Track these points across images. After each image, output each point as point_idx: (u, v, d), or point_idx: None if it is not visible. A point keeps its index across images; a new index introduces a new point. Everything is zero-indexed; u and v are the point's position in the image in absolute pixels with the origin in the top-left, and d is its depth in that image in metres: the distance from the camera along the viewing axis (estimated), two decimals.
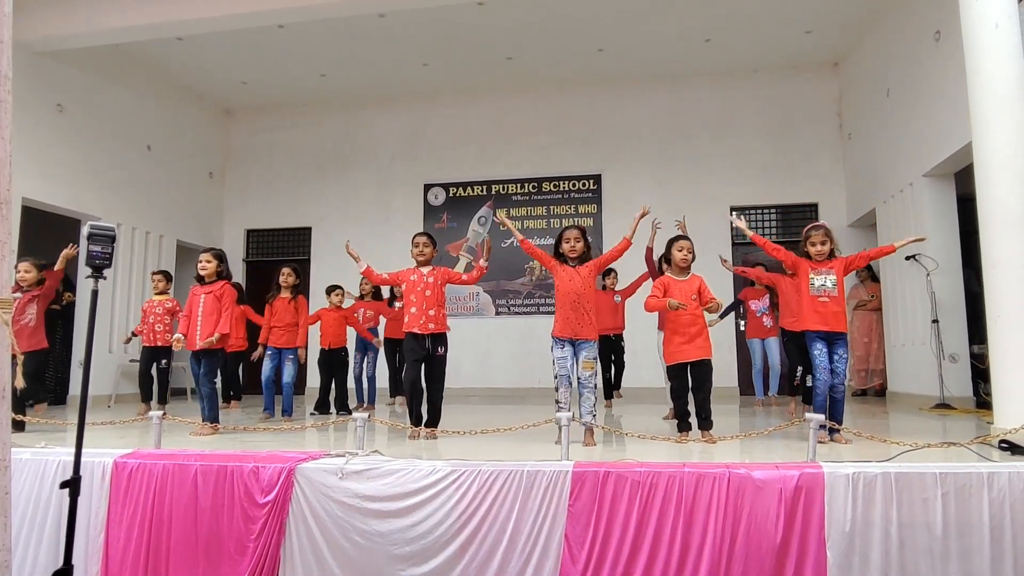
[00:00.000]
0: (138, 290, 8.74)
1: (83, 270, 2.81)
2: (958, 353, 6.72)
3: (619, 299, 6.65)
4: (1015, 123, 4.03)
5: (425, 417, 4.68)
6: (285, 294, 6.11)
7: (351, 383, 7.06)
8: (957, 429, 4.86)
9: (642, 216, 4.37)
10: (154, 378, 6.69)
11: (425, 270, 4.75)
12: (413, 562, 2.99)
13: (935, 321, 6.68)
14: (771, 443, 4.26)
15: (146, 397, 6.51)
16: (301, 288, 6.58)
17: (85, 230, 2.59)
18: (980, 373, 6.65)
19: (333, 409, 6.51)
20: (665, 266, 4.73)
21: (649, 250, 5.88)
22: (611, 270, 7.15)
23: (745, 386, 8.68)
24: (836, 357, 4.18)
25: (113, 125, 8.48)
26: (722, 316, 6.27)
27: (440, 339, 4.66)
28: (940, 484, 2.76)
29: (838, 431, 4.07)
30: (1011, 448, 3.60)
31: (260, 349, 6.35)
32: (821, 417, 3.39)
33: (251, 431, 4.92)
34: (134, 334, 7.06)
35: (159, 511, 3.41)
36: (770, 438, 4.42)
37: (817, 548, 2.74)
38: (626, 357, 7.01)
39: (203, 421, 4.87)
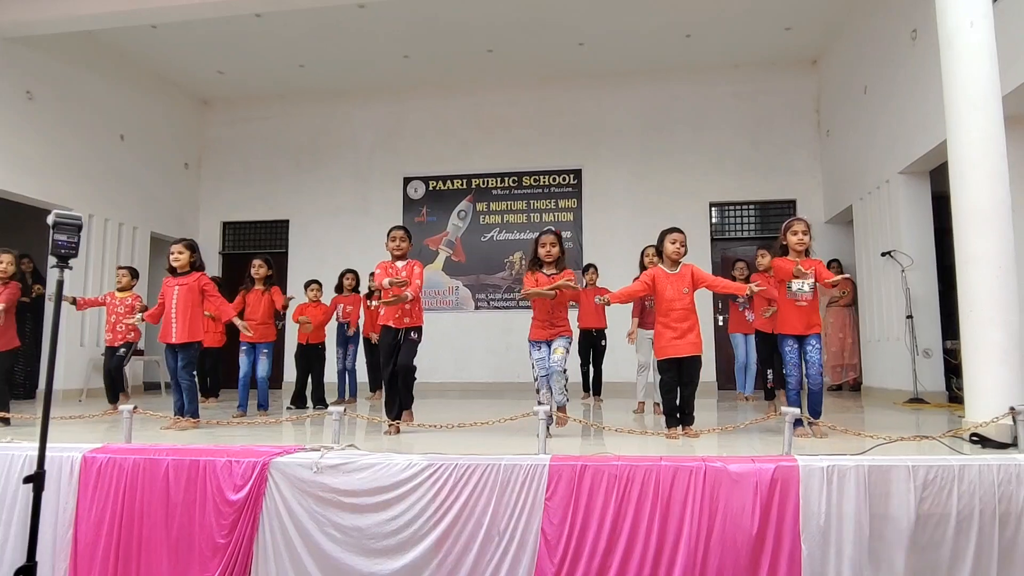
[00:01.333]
0: (110, 283, 8.55)
1: (50, 260, 2.73)
2: (931, 348, 6.82)
3: (599, 300, 6.64)
4: (989, 121, 4.07)
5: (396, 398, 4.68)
6: (258, 287, 6.00)
7: (333, 378, 7.01)
8: (930, 423, 4.93)
9: (561, 282, 4.47)
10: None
11: (400, 264, 4.75)
12: (389, 556, 2.96)
13: (909, 317, 6.77)
14: (748, 437, 4.28)
15: (113, 398, 6.34)
16: (277, 281, 6.49)
17: (51, 219, 2.52)
18: (952, 368, 6.75)
19: (310, 403, 6.44)
20: (656, 258, 4.69)
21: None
22: (591, 266, 7.16)
23: (723, 381, 8.75)
24: (809, 348, 4.23)
25: (85, 113, 8.29)
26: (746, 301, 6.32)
27: (412, 330, 4.67)
28: (912, 477, 2.79)
29: (815, 423, 4.10)
30: (981, 441, 3.65)
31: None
32: (796, 411, 3.41)
33: (225, 425, 4.85)
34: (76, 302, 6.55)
35: (129, 507, 3.35)
36: (747, 432, 4.45)
37: (792, 540, 2.76)
38: (606, 351, 7.01)
39: (180, 415, 4.80)
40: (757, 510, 2.78)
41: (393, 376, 4.64)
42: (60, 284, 2.56)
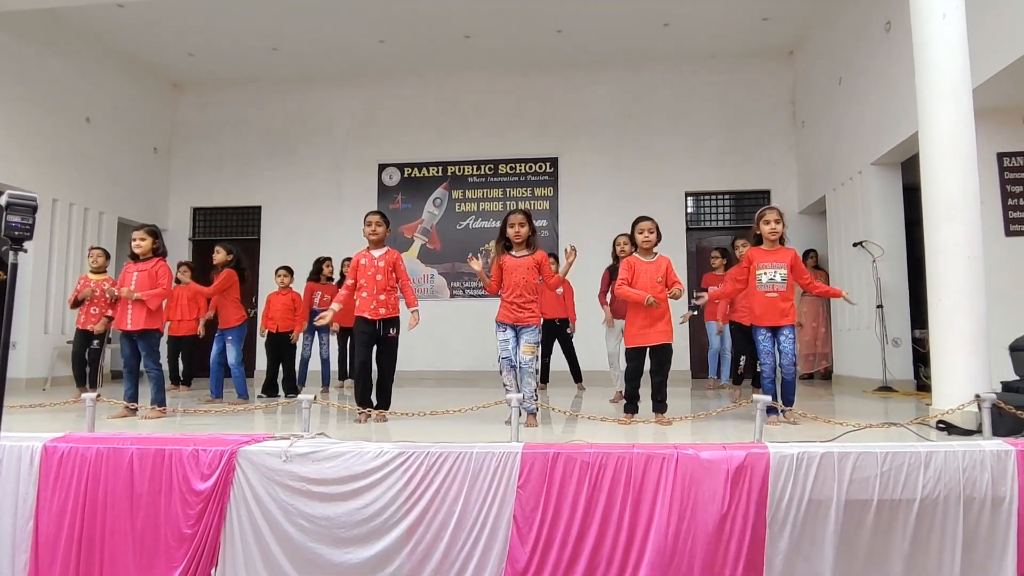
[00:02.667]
0: (75, 269, 8.36)
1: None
2: (900, 338, 6.93)
3: (560, 291, 6.65)
4: (959, 112, 4.12)
5: (376, 400, 4.61)
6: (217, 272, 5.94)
7: (316, 365, 6.95)
8: (898, 410, 5.00)
9: (572, 260, 4.48)
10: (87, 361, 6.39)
11: (377, 253, 4.65)
12: (359, 545, 2.93)
13: (880, 306, 6.87)
14: (721, 424, 4.31)
15: (81, 381, 6.23)
16: (249, 268, 6.38)
17: (3, 199, 2.42)
18: (921, 357, 6.87)
19: (281, 392, 6.37)
20: (630, 247, 4.71)
21: (606, 273, 6.07)
22: (553, 255, 7.10)
23: (696, 369, 8.82)
24: (783, 338, 4.27)
25: (48, 95, 8.04)
26: (693, 310, 6.40)
27: (391, 323, 4.58)
28: (880, 463, 2.82)
29: (787, 411, 4.14)
30: (948, 428, 3.71)
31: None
32: (768, 398, 3.44)
33: (193, 413, 4.77)
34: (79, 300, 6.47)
35: (92, 497, 3.27)
36: (719, 419, 4.48)
37: (758, 525, 2.78)
38: (579, 341, 7.02)
39: (127, 401, 4.70)
40: (726, 496, 2.79)
41: (365, 369, 4.57)
42: (14, 267, 2.47)
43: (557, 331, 6.78)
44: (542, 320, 6.59)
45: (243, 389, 5.84)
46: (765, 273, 4.29)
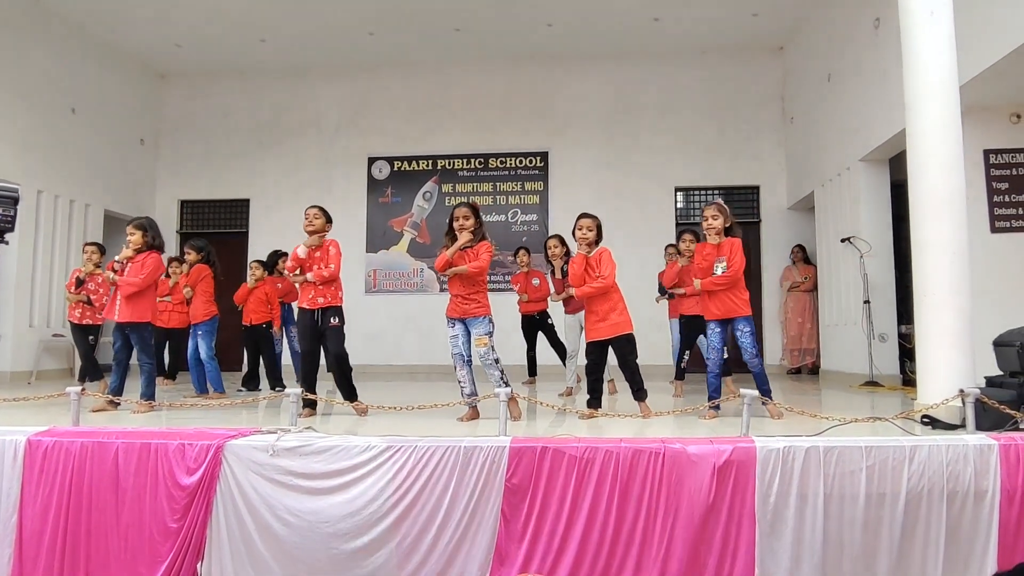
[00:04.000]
0: (62, 262, 8.28)
1: None
2: (887, 333, 6.98)
3: (537, 282, 6.64)
4: (946, 109, 4.14)
5: (341, 394, 4.65)
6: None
7: (287, 359, 6.89)
8: (884, 405, 5.04)
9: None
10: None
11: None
12: (346, 539, 2.92)
13: (867, 302, 6.91)
14: (708, 419, 4.33)
15: (97, 375, 6.20)
16: (236, 262, 6.34)
17: None
18: (907, 352, 6.93)
19: (264, 385, 6.34)
20: (561, 248, 4.86)
21: (557, 281, 6.12)
22: (522, 248, 7.08)
23: None
24: (738, 333, 4.34)
25: (32, 85, 7.93)
26: (665, 296, 6.47)
27: (330, 311, 4.58)
28: (866, 457, 2.84)
29: (769, 402, 4.16)
30: (932, 423, 3.75)
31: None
32: (755, 393, 3.46)
33: (178, 407, 4.74)
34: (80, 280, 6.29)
35: (77, 491, 3.24)
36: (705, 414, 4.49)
37: (748, 519, 2.80)
38: (554, 328, 6.98)
39: (112, 394, 4.67)
40: (714, 490, 2.80)
41: (310, 357, 4.61)
42: None
43: (537, 324, 6.72)
44: (521, 317, 6.66)
45: (218, 383, 5.82)
46: (715, 268, 4.38)
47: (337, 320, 4.58)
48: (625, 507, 2.85)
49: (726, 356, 5.76)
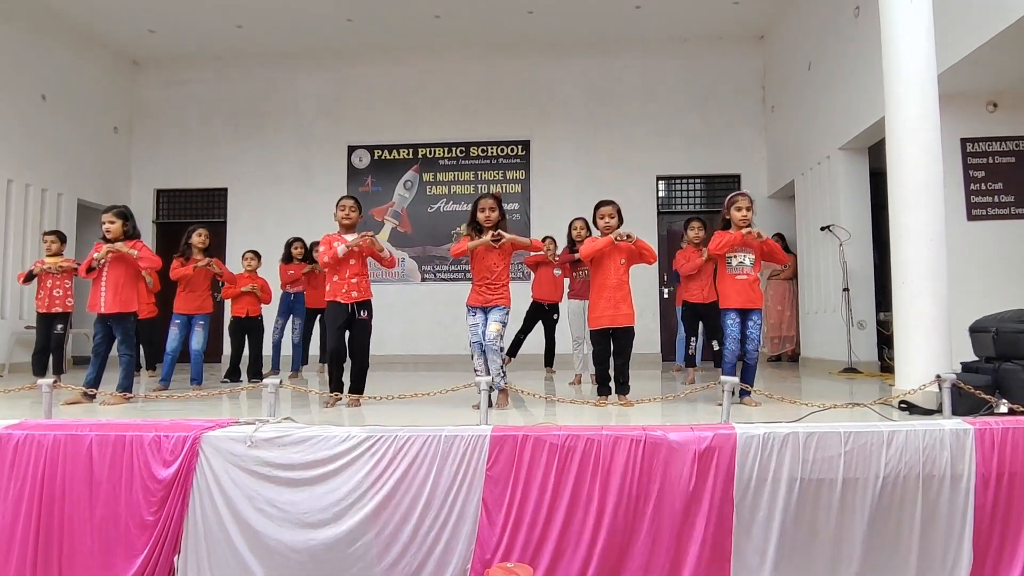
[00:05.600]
0: (33, 252, 8.10)
1: None
2: (866, 320, 7.06)
3: (559, 272, 6.60)
4: (925, 96, 4.16)
5: (348, 384, 4.56)
6: (197, 256, 5.75)
7: (268, 350, 6.81)
8: (862, 391, 5.10)
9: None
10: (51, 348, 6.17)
11: (349, 237, 4.56)
12: (324, 529, 2.89)
13: (846, 289, 6.98)
14: (689, 407, 4.35)
15: (40, 373, 6.00)
16: (215, 252, 6.22)
17: None
18: (885, 339, 7.02)
19: (244, 377, 6.27)
20: (586, 232, 4.77)
21: (565, 250, 6.11)
22: (547, 237, 7.06)
23: (668, 352, 8.88)
24: (750, 324, 4.32)
25: (0, 72, 7.73)
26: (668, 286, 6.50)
27: (363, 305, 4.52)
28: (844, 442, 2.86)
29: (748, 393, 4.19)
30: (909, 408, 3.79)
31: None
32: (735, 380, 3.47)
33: (154, 399, 4.67)
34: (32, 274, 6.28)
35: (50, 485, 3.17)
36: (687, 401, 4.52)
37: (725, 505, 2.81)
38: (557, 323, 6.97)
39: (87, 386, 4.56)
40: (694, 476, 2.81)
41: (338, 355, 4.51)
42: None
43: (545, 314, 6.69)
44: (533, 302, 6.62)
45: (201, 375, 5.76)
46: (735, 257, 4.33)
47: (366, 314, 4.51)
48: (606, 494, 2.84)
49: (716, 349, 5.79)
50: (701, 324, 5.85)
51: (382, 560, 2.88)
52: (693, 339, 5.94)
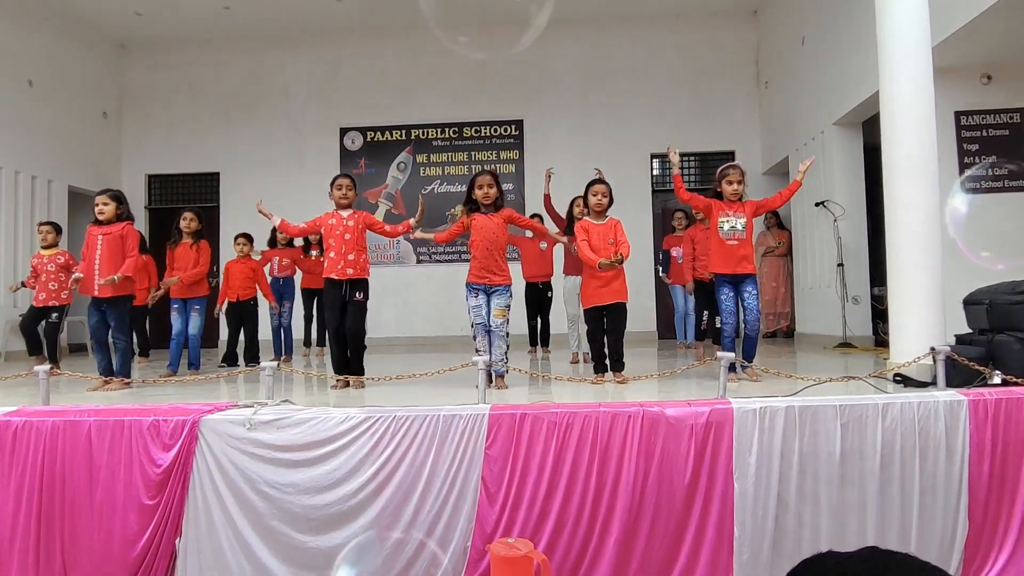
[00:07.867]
0: (25, 239, 8.06)
1: None
2: (860, 295, 7.09)
3: (544, 246, 6.58)
4: (919, 70, 4.15)
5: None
6: (187, 240, 5.72)
7: (268, 335, 6.81)
8: (857, 365, 5.13)
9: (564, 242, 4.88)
10: (42, 334, 6.18)
11: (345, 213, 4.52)
12: (325, 510, 2.91)
13: (840, 265, 6.99)
14: (685, 382, 4.37)
15: (34, 350, 6.07)
16: (208, 236, 6.19)
17: None
18: (879, 313, 7.05)
19: (242, 361, 6.27)
20: (585, 209, 4.74)
21: (546, 196, 6.31)
22: (535, 214, 7.10)
23: (664, 330, 8.92)
24: (746, 294, 4.32)
25: None
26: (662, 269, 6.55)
27: (358, 284, 4.47)
28: (839, 415, 2.89)
29: (748, 366, 4.21)
30: (904, 381, 3.82)
31: (156, 292, 6.18)
32: (732, 355, 3.48)
33: (152, 384, 4.67)
34: (23, 284, 6.51)
35: (50, 471, 3.18)
36: (684, 377, 4.54)
37: (725, 479, 2.83)
38: (552, 301, 6.98)
39: (108, 375, 4.58)
40: (692, 452, 2.83)
41: (339, 335, 4.48)
42: None
43: (541, 294, 6.67)
44: (525, 284, 6.60)
45: (199, 359, 5.77)
46: (727, 221, 4.32)
47: (362, 296, 4.46)
48: (605, 471, 2.86)
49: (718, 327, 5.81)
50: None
51: (383, 540, 2.90)
52: (706, 312, 5.98)
